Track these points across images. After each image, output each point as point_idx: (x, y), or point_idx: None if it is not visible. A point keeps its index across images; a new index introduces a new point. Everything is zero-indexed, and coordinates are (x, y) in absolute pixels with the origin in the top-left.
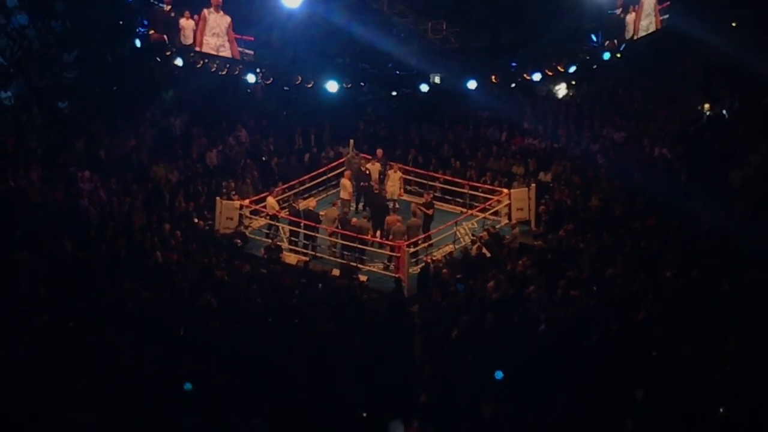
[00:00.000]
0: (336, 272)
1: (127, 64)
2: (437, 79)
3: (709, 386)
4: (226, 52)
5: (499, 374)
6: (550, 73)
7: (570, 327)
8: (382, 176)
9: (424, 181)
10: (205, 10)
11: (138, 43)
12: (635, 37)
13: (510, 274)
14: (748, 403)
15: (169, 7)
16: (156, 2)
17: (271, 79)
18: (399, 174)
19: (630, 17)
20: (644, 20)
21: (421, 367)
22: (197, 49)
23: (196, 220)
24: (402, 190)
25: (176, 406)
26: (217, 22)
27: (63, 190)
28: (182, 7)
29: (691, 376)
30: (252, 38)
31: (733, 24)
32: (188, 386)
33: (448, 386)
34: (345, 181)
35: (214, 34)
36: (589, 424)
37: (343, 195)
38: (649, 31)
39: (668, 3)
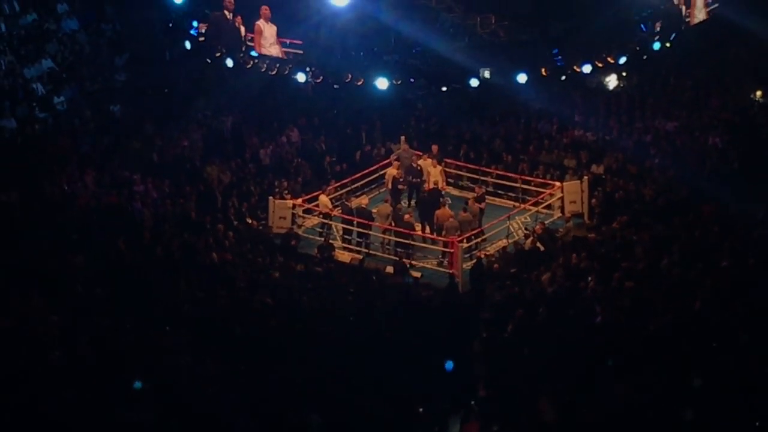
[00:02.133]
0: (390, 269)
1: (178, 65)
2: (486, 74)
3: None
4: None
5: (449, 365)
6: (600, 65)
7: (626, 318)
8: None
9: (476, 176)
10: (260, 23)
11: (188, 44)
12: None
13: (565, 267)
14: None
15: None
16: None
17: (321, 77)
18: (439, 167)
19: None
20: (698, 14)
21: (478, 362)
22: None
23: (249, 220)
24: (445, 183)
25: (234, 404)
26: (271, 32)
27: (117, 193)
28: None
29: (749, 364)
30: (300, 41)
31: None
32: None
33: (505, 381)
34: (392, 171)
35: (271, 44)
36: (649, 414)
37: (390, 187)
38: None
39: None
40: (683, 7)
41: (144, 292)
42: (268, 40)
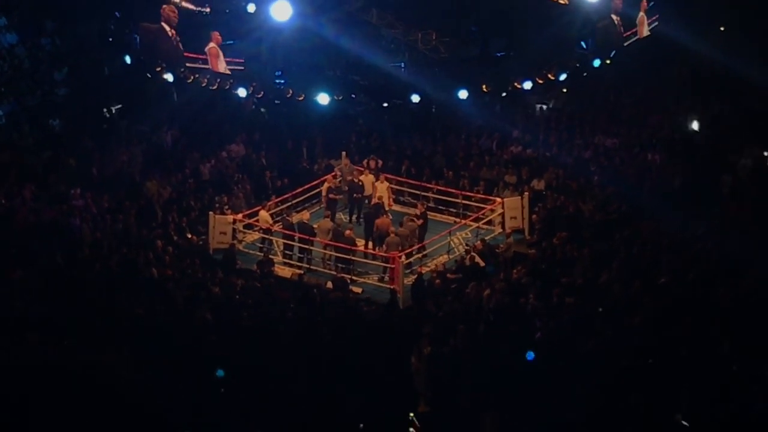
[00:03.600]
0: (330, 285)
1: (118, 80)
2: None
3: (705, 389)
4: None
5: (530, 355)
6: (540, 81)
7: (566, 334)
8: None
9: (418, 192)
10: (215, 46)
11: (128, 59)
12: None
13: (505, 283)
14: (746, 405)
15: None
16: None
17: (262, 93)
18: (386, 184)
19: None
20: (645, 30)
21: (419, 378)
22: None
23: (189, 236)
24: (391, 201)
25: (175, 421)
26: (222, 54)
27: (56, 208)
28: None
29: (687, 379)
30: (241, 60)
31: (722, 28)
32: (220, 373)
33: (446, 396)
34: (326, 185)
35: (225, 67)
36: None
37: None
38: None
39: (656, 17)
40: (621, 26)
41: (83, 308)
42: (221, 62)
